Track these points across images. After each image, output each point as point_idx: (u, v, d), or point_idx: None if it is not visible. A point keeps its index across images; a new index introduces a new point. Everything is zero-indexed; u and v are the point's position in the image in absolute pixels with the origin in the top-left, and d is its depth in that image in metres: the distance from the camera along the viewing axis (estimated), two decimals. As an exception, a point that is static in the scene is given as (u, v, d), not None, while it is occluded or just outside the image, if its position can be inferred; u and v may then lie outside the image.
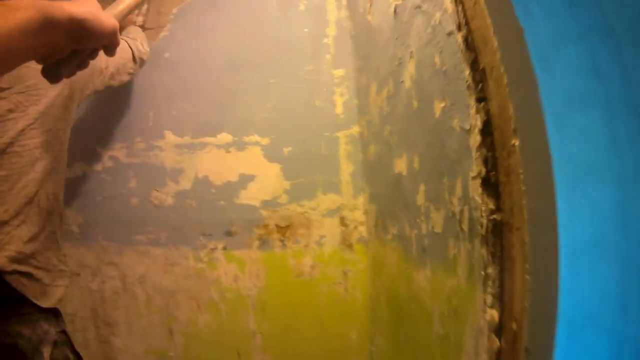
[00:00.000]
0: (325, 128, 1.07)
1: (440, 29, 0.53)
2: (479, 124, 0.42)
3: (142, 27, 1.28)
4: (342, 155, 1.04)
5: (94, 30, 0.44)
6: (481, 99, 0.42)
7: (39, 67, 0.70)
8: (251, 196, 1.07)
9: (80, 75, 0.83)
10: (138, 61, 1.03)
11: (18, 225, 0.75)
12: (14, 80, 0.77)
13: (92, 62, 0.78)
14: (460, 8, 0.46)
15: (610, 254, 0.33)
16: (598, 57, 0.35)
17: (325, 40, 1.14)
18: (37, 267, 0.77)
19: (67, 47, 0.44)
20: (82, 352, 1.04)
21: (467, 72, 0.44)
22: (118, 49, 0.88)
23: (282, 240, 1.03)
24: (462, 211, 0.47)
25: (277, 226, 1.04)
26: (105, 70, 0.93)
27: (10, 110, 0.76)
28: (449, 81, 0.50)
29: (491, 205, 0.40)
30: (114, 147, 1.22)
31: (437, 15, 0.53)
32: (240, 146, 1.11)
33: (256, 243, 1.05)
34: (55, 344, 0.77)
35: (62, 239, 0.86)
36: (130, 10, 0.58)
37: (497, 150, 0.39)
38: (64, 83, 0.81)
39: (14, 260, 0.73)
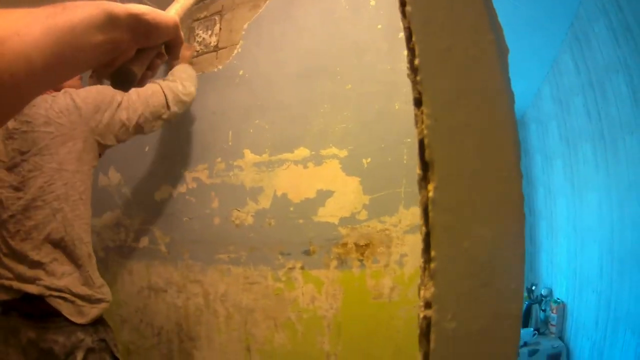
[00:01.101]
0: (407, 134, 1.02)
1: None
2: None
3: (216, 47, 1.38)
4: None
5: (155, 23, 0.45)
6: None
7: (50, 129, 0.79)
8: (329, 213, 1.08)
9: (96, 125, 0.94)
10: (175, 105, 1.10)
11: (50, 263, 0.91)
12: (30, 143, 0.92)
13: (108, 117, 0.88)
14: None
15: None
16: None
17: (401, 35, 1.11)
18: (73, 295, 0.93)
19: (131, 45, 0.45)
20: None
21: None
22: (148, 95, 0.95)
23: (360, 260, 1.02)
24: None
25: (356, 245, 1.03)
26: (128, 121, 1.02)
27: (30, 170, 0.91)
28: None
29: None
30: (196, 168, 1.32)
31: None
32: (318, 160, 1.12)
33: (334, 263, 1.05)
34: (91, 350, 0.92)
35: (95, 273, 0.99)
36: (188, 9, 0.60)
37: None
38: (74, 138, 0.95)
39: (51, 289, 0.90)
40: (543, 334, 2.69)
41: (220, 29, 1.38)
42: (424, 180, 0.39)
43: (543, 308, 2.83)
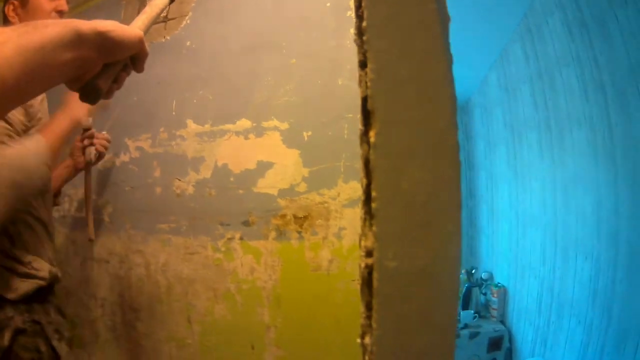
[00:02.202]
0: (348, 109, 1.03)
1: None
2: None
3: (166, 17, 1.35)
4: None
5: (119, 40, 0.48)
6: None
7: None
8: (269, 184, 1.09)
9: None
10: None
11: None
12: None
13: None
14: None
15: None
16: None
17: (349, 13, 1.09)
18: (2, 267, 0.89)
19: (98, 60, 0.48)
20: (110, 335, 1.12)
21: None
22: None
23: (299, 232, 1.04)
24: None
25: (295, 216, 1.04)
26: None
27: None
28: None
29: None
30: (139, 137, 1.30)
31: None
32: (259, 132, 1.12)
33: (273, 234, 1.07)
34: (22, 332, 0.87)
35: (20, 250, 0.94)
36: (152, 22, 0.65)
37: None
38: None
39: None
40: (484, 317, 2.79)
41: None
42: (365, 134, 0.41)
43: (483, 292, 2.91)
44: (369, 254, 0.39)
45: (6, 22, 1.00)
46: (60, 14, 1.03)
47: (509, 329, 2.61)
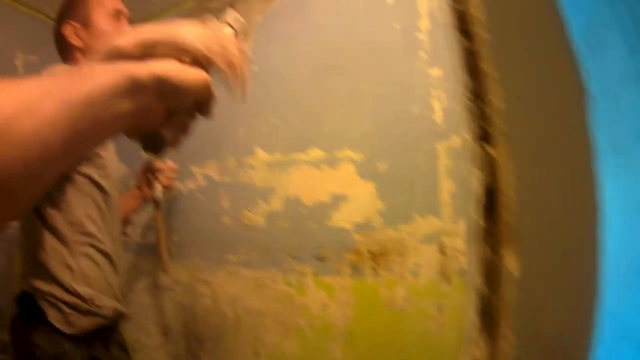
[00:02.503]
0: (423, 139, 1.11)
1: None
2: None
3: None
4: (441, 171, 1.08)
5: (183, 84, 0.46)
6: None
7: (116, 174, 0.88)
8: (343, 218, 1.19)
9: None
10: None
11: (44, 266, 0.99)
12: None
13: None
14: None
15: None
16: None
17: (418, 35, 1.17)
18: (57, 300, 0.98)
19: (159, 109, 0.46)
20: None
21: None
22: None
23: (374, 268, 1.13)
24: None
25: (370, 252, 1.14)
26: None
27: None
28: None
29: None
30: (206, 164, 1.44)
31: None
32: (332, 162, 1.22)
33: (347, 269, 1.16)
34: None
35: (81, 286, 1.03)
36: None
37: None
38: None
39: (39, 290, 0.98)
40: None
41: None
42: (490, 235, 0.40)
43: None
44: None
45: (64, 44, 1.13)
46: None
47: None
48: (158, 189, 1.31)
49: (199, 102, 0.52)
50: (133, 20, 1.69)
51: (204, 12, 1.56)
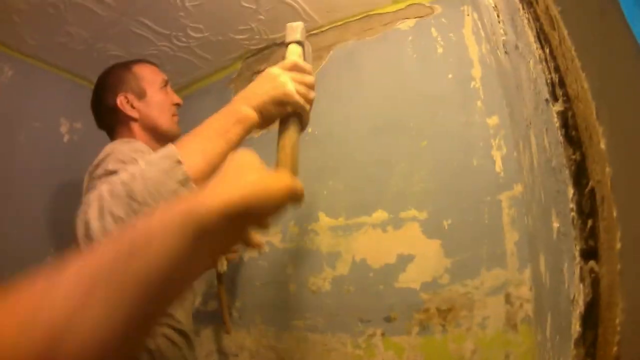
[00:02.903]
0: (486, 191, 1.34)
1: (538, 88, 0.60)
2: (582, 300, 0.43)
3: None
4: (505, 222, 1.29)
5: (263, 208, 0.49)
6: (589, 253, 0.42)
7: None
8: (411, 278, 1.40)
9: None
10: None
11: None
12: None
13: None
14: (547, 51, 0.48)
15: None
16: None
17: (473, 83, 1.44)
18: None
19: (233, 240, 0.51)
20: None
21: (571, 191, 0.47)
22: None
23: (443, 325, 1.32)
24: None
25: (438, 309, 1.34)
26: None
27: None
28: (558, 194, 0.55)
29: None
30: (269, 232, 1.70)
31: (531, 62, 0.59)
32: (397, 223, 1.46)
33: (416, 329, 1.36)
34: None
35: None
36: (296, 155, 0.88)
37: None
38: None
39: None
40: None
41: None
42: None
43: None
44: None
45: (117, 116, 1.32)
46: (178, 106, 1.42)
47: None
48: (223, 264, 1.55)
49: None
50: (181, 85, 2.06)
51: (251, 74, 1.91)
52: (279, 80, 0.95)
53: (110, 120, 1.36)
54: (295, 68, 0.98)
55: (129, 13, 1.62)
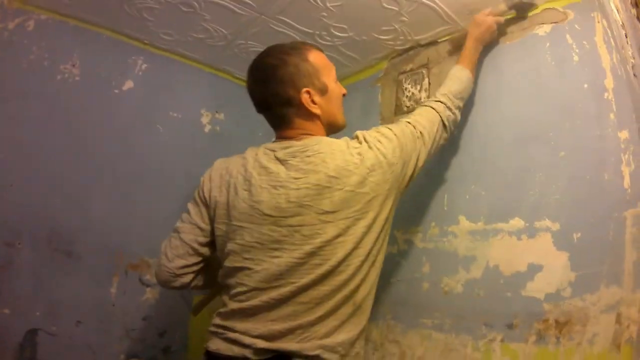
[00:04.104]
0: (613, 208, 1.90)
1: None
2: None
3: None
4: (628, 240, 1.83)
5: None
6: None
7: (365, 190, 1.87)
8: (537, 288, 2.04)
9: (403, 181, 2.01)
10: (448, 132, 2.23)
11: (333, 322, 1.81)
12: (339, 205, 1.81)
13: (411, 170, 2.06)
14: None
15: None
16: None
17: (606, 95, 2.01)
18: (337, 353, 1.78)
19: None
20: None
21: None
22: (434, 133, 2.18)
23: (557, 337, 1.95)
24: None
25: (556, 321, 1.97)
26: (420, 168, 2.08)
27: (338, 235, 1.80)
28: None
29: None
30: (409, 230, 2.48)
31: None
32: (531, 233, 2.12)
33: (533, 338, 2.01)
34: None
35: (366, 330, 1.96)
36: None
37: None
38: (384, 197, 1.92)
39: (322, 347, 1.76)
40: None
41: (429, 83, 2.64)
42: None
43: None
44: None
45: (294, 107, 1.95)
46: (344, 96, 2.11)
47: None
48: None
49: None
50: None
51: (397, 74, 2.75)
52: None
53: (286, 112, 1.99)
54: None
55: (269, 12, 2.51)
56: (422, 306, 2.40)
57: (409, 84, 2.80)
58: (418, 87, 2.75)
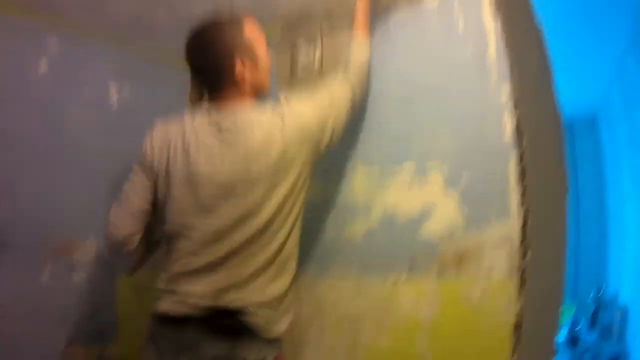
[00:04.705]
0: (498, 152, 2.15)
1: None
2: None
3: (320, 68, 2.80)
4: (511, 178, 2.10)
5: None
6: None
7: (287, 156, 2.02)
8: (432, 228, 2.28)
9: (318, 147, 2.20)
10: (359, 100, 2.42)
11: (264, 278, 1.97)
12: (264, 170, 1.95)
13: (328, 137, 2.23)
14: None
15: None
16: None
17: (489, 60, 2.26)
18: (272, 308, 1.97)
19: None
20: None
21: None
22: (345, 104, 2.39)
23: (456, 271, 2.21)
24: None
25: (453, 256, 2.21)
26: (337, 136, 2.25)
27: (265, 198, 1.95)
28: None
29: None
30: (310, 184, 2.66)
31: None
32: (423, 173, 2.37)
33: (434, 273, 2.25)
34: None
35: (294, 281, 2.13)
36: None
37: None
38: (304, 162, 2.10)
39: (258, 303, 1.93)
40: (605, 338, 5.02)
41: (322, 52, 2.86)
42: None
43: (608, 313, 5.19)
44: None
45: (232, 80, 2.08)
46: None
47: (626, 348, 4.54)
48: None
49: None
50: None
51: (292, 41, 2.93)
52: None
53: (220, 80, 2.11)
54: None
55: None
56: (328, 255, 2.64)
57: (303, 51, 2.96)
58: (312, 55, 2.91)
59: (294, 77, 2.97)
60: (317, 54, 2.89)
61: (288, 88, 2.92)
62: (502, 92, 2.24)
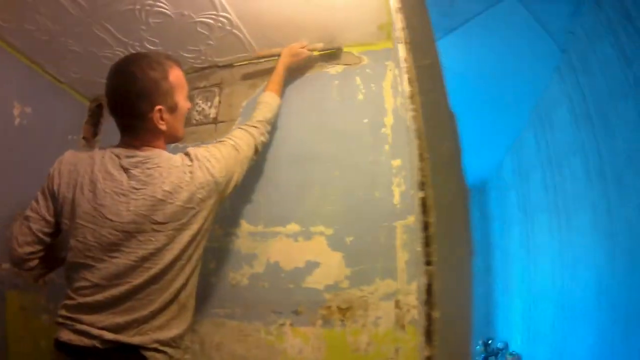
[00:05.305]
0: (384, 218, 2.45)
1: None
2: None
3: (215, 119, 2.91)
4: (399, 245, 2.38)
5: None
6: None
7: (191, 205, 2.07)
8: (316, 280, 2.49)
9: (224, 194, 2.30)
10: (259, 152, 2.53)
11: (164, 317, 1.99)
12: (169, 217, 2.00)
13: (233, 185, 2.35)
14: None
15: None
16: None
17: (384, 130, 2.57)
18: (172, 347, 2.00)
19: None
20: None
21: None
22: (249, 156, 2.56)
23: (342, 320, 2.41)
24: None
25: (339, 307, 2.44)
26: (235, 176, 2.31)
27: (167, 243, 1.99)
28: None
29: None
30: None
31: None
32: (307, 236, 2.57)
33: (319, 321, 2.45)
34: None
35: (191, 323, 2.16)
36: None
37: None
38: (209, 210, 2.16)
39: (158, 342, 1.95)
40: None
41: (219, 102, 2.93)
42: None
43: None
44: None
45: (148, 127, 2.09)
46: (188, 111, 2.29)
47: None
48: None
49: None
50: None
51: (191, 89, 2.98)
52: None
53: (135, 124, 2.11)
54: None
55: (96, 16, 2.60)
56: (213, 298, 2.72)
57: (200, 100, 3.07)
58: (209, 104, 3.03)
59: (188, 123, 3.02)
60: (216, 101, 3.02)
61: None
62: (392, 162, 2.52)
